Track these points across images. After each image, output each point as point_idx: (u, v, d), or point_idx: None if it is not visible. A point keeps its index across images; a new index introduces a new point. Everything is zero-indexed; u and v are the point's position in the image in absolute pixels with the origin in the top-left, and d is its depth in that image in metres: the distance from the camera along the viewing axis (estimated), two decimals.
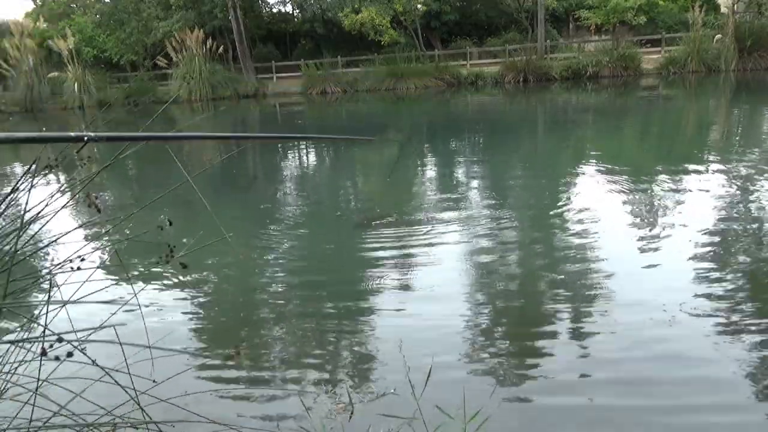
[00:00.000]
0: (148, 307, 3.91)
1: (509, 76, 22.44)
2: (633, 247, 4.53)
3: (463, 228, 5.32)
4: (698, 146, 9.39)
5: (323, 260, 4.90)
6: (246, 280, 4.58)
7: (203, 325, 3.81)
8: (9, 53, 25.39)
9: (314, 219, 6.34)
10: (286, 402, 2.77)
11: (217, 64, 24.93)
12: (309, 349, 3.29)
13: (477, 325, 3.45)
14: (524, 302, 3.81)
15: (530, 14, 26.24)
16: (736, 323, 3.24)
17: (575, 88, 20.29)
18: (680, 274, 3.96)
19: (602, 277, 4.03)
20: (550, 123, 14.04)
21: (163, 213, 5.69)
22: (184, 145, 13.35)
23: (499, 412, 2.57)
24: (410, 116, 17.34)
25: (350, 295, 4.07)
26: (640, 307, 3.48)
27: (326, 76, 24.36)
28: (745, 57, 20.27)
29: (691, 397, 2.65)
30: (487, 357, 3.07)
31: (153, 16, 26.65)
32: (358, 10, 24.80)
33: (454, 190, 7.12)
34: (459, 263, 4.49)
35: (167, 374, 1.35)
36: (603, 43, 23.45)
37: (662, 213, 5.45)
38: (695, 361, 2.90)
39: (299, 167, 10.55)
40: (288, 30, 30.10)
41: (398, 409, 2.58)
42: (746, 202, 5.67)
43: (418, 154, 10.79)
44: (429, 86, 22.96)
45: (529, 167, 8.60)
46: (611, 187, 6.62)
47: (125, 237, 1.88)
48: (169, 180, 8.17)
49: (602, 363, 2.94)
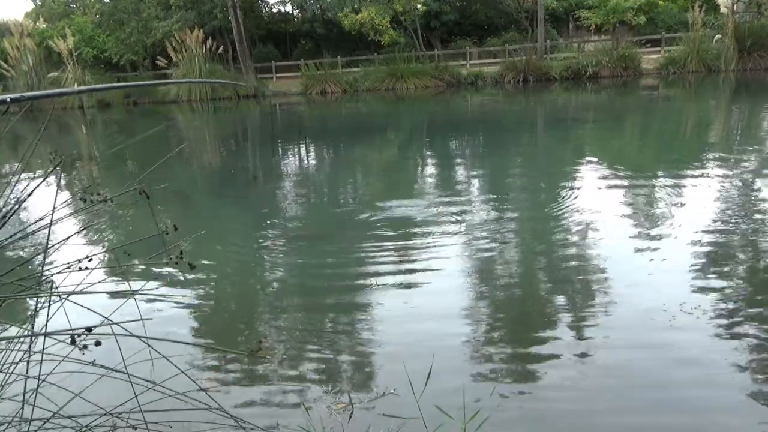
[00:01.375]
0: (148, 308, 3.91)
1: (509, 76, 22.45)
2: (633, 247, 4.53)
3: (462, 228, 5.32)
4: (698, 146, 9.39)
5: (323, 260, 4.90)
6: (246, 280, 4.58)
7: (203, 326, 3.81)
8: (9, 53, 25.38)
9: (314, 218, 6.34)
10: (287, 401, 2.77)
11: (217, 65, 24.93)
12: (309, 349, 3.29)
13: (477, 326, 3.45)
14: (524, 302, 3.81)
15: (530, 14, 26.25)
16: (737, 323, 3.24)
17: (575, 88, 20.30)
18: (681, 274, 3.96)
19: (602, 277, 4.03)
20: (549, 123, 14.04)
21: (163, 213, 5.70)
22: (184, 146, 13.35)
23: (499, 412, 2.56)
24: (410, 116, 17.34)
25: (350, 295, 4.07)
26: (640, 308, 3.48)
27: (326, 76, 24.35)
28: (744, 57, 20.28)
29: (692, 397, 2.65)
30: (487, 357, 3.07)
31: (153, 16, 26.64)
32: (357, 10, 24.81)
33: (454, 191, 7.12)
34: (459, 263, 4.48)
35: (167, 374, 1.35)
36: (603, 43, 23.45)
37: (662, 213, 5.44)
38: (696, 362, 2.90)
39: (299, 166, 10.55)
40: (288, 30, 30.09)
41: (398, 409, 2.57)
42: (746, 202, 5.67)
43: (418, 154, 10.79)
44: (429, 86, 22.97)
45: (528, 167, 8.61)
46: (611, 187, 6.62)
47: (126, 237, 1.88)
48: (170, 177, 8.19)
49: (602, 363, 2.94)
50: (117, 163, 10.38)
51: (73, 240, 1.54)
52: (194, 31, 24.33)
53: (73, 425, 1.32)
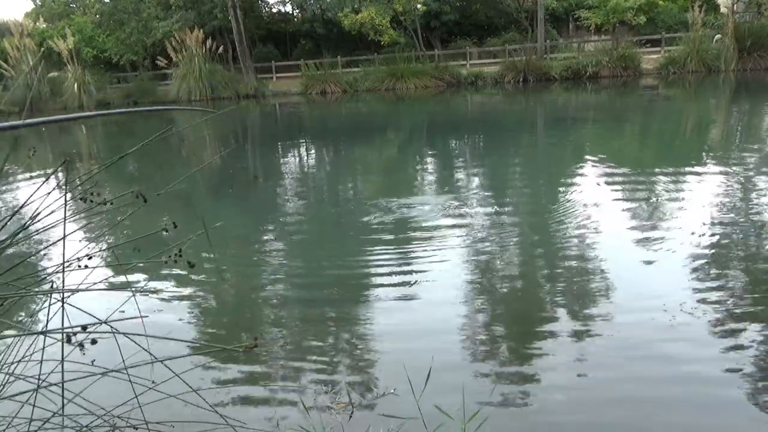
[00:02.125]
0: (148, 307, 3.91)
1: (509, 76, 22.45)
2: (633, 247, 4.53)
3: (462, 228, 5.32)
4: (698, 146, 9.39)
5: (323, 260, 4.90)
6: (245, 280, 4.58)
7: (203, 326, 3.81)
8: (9, 53, 25.39)
9: (314, 218, 6.34)
10: (286, 401, 2.77)
11: (216, 65, 24.93)
12: (309, 349, 3.29)
13: (477, 325, 3.45)
14: (524, 302, 3.81)
15: (530, 14, 26.25)
16: (738, 323, 3.24)
17: (575, 88, 20.30)
18: (681, 274, 3.96)
19: (602, 277, 4.03)
20: (549, 123, 14.04)
21: (162, 213, 5.69)
22: (184, 144, 13.36)
23: (499, 412, 2.56)
24: (410, 116, 17.34)
25: (350, 295, 4.07)
26: (640, 308, 3.48)
27: (326, 76, 24.35)
28: (744, 57, 20.28)
29: (693, 397, 2.65)
30: (487, 357, 3.07)
31: (153, 16, 26.64)
32: (357, 10, 24.81)
33: (454, 191, 7.12)
34: (459, 263, 4.48)
35: (166, 374, 1.35)
36: (603, 43, 23.46)
37: (663, 213, 5.45)
38: (696, 362, 2.90)
39: (299, 166, 10.55)
40: (288, 30, 30.09)
41: (398, 409, 2.57)
42: (746, 202, 5.67)
43: (418, 154, 10.79)
44: (429, 86, 22.96)
45: (528, 167, 8.60)
46: (611, 187, 6.62)
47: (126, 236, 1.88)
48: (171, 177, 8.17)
49: (602, 363, 2.94)
50: (118, 163, 10.34)
51: (73, 239, 1.54)
52: (194, 31, 24.33)
53: (73, 425, 1.32)
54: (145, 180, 9.32)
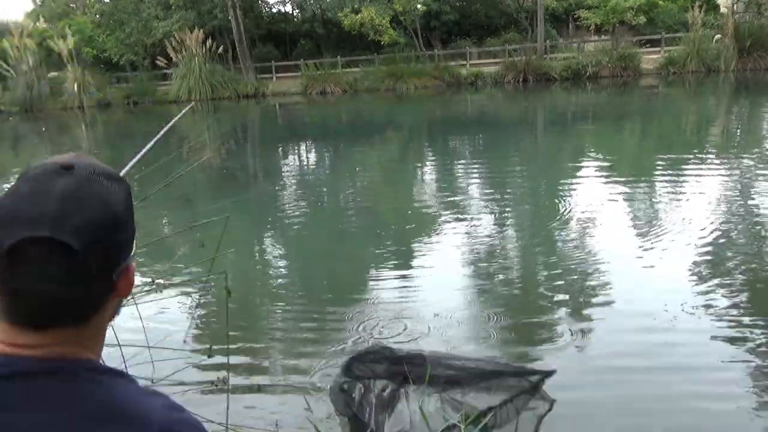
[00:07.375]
0: (147, 307, 3.90)
1: (509, 76, 22.41)
2: (634, 248, 4.53)
3: (463, 228, 5.32)
4: (698, 146, 9.39)
5: (322, 259, 4.90)
6: (245, 280, 4.58)
7: (203, 326, 3.80)
8: (9, 53, 25.36)
9: (314, 218, 6.34)
10: (286, 402, 2.76)
11: (216, 64, 24.89)
12: (309, 349, 3.29)
13: (477, 325, 3.45)
14: (524, 303, 3.81)
15: (530, 14, 26.24)
16: (738, 323, 3.24)
17: (575, 88, 20.29)
18: (682, 274, 3.96)
19: (603, 278, 4.02)
20: (549, 123, 14.04)
21: (162, 213, 5.69)
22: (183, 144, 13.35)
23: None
24: (410, 116, 17.34)
25: (350, 295, 4.07)
26: (641, 308, 3.48)
27: (326, 76, 24.31)
28: (744, 57, 20.25)
29: (693, 397, 2.65)
30: (486, 357, 3.07)
31: (153, 16, 26.61)
32: (357, 10, 24.79)
33: (454, 191, 7.12)
34: (459, 263, 4.48)
35: (166, 374, 1.35)
36: (603, 43, 23.44)
37: (663, 213, 5.44)
38: (697, 362, 2.90)
39: (299, 166, 10.55)
40: (288, 30, 30.07)
41: None
42: (747, 202, 5.67)
43: (418, 154, 10.79)
44: (428, 86, 22.93)
45: (528, 168, 8.60)
46: (611, 187, 6.62)
47: None
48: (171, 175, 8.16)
49: (603, 364, 2.94)
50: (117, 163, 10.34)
51: None
52: (194, 31, 24.28)
53: None
54: (146, 180, 9.31)
